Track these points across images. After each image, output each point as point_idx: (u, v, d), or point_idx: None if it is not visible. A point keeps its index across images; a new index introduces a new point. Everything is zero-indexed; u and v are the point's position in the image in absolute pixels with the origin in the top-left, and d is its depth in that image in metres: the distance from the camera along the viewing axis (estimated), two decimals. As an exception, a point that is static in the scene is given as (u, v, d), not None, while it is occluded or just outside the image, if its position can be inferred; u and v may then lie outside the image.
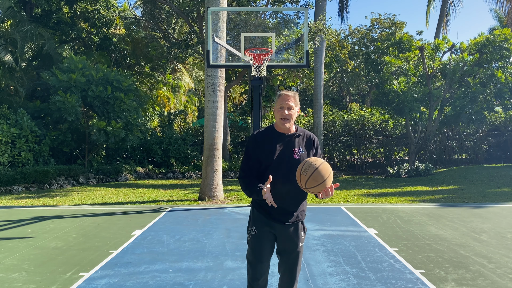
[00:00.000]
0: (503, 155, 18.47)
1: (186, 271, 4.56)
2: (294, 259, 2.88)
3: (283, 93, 2.83)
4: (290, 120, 2.80)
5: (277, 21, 16.34)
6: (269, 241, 2.87)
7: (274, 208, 2.77)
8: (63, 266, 4.80)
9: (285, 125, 2.79)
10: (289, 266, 2.88)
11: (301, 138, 2.86)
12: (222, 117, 10.14)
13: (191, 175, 16.16)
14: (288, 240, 2.86)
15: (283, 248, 2.89)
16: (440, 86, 16.29)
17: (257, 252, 2.86)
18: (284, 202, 2.79)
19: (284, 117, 2.78)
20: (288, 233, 2.84)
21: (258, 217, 2.89)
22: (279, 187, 2.76)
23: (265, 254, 2.87)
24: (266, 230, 2.86)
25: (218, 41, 8.79)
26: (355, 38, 26.33)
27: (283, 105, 2.78)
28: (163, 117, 19.56)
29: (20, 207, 9.09)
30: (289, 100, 2.79)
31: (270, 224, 2.85)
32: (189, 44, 16.56)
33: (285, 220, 2.82)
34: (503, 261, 4.84)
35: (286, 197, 2.79)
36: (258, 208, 2.90)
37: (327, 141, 18.59)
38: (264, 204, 2.82)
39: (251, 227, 2.91)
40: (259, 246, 2.86)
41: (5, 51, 14.66)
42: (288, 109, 2.78)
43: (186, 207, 8.98)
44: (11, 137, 13.32)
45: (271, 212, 2.82)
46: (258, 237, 2.86)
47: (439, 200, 9.76)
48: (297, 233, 2.87)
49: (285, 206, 2.80)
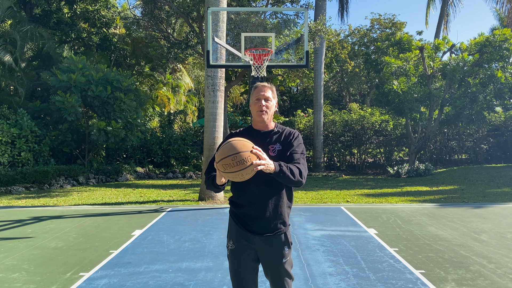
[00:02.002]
0: (503, 155, 18.47)
1: (186, 271, 4.56)
2: (278, 276, 2.51)
3: (259, 84, 2.58)
4: (268, 112, 2.53)
5: (277, 21, 16.34)
6: (249, 255, 2.52)
7: (250, 217, 2.47)
8: (63, 266, 4.80)
9: (262, 117, 2.51)
10: (274, 283, 2.53)
11: (279, 134, 2.55)
12: (222, 117, 10.14)
13: (191, 175, 16.16)
14: (269, 256, 2.49)
15: (264, 263, 2.53)
16: (440, 86, 16.29)
17: (237, 269, 2.54)
18: (261, 208, 2.45)
19: (260, 108, 2.51)
20: (267, 247, 2.48)
21: (234, 228, 2.55)
22: (254, 189, 2.45)
23: (247, 271, 2.53)
24: (244, 243, 2.51)
25: (218, 41, 8.79)
26: (355, 38, 26.34)
27: (259, 96, 2.52)
28: (163, 117, 19.56)
29: (20, 207, 9.09)
30: (265, 91, 2.53)
31: (248, 237, 2.49)
32: (189, 44, 16.56)
33: (263, 231, 2.46)
34: (503, 261, 4.84)
35: (263, 202, 2.45)
36: (233, 218, 2.56)
37: (327, 141, 18.59)
38: (239, 214, 2.52)
39: (228, 241, 2.58)
40: (239, 262, 2.53)
41: (5, 51, 14.67)
42: (266, 100, 2.52)
43: (186, 207, 8.98)
44: (11, 137, 13.32)
45: (247, 222, 2.48)
46: (237, 252, 2.53)
47: (439, 200, 9.76)
48: (279, 248, 2.48)
49: (262, 214, 2.45)
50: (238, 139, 2.29)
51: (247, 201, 2.49)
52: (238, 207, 2.54)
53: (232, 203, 2.60)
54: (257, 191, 2.46)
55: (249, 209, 2.49)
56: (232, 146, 2.23)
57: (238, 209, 2.54)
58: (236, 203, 2.56)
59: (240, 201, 2.53)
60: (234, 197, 2.58)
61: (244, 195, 2.50)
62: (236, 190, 2.55)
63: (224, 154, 2.23)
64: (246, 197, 2.49)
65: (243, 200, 2.51)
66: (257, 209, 2.47)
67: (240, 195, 2.52)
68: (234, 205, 2.57)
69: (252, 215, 2.48)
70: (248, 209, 2.49)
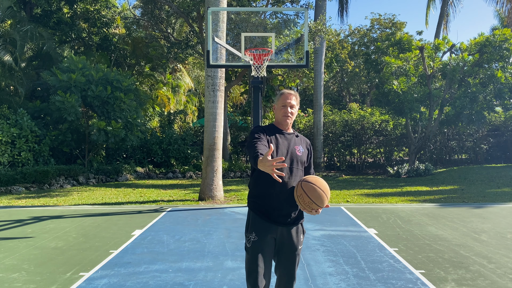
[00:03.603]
0: (503, 155, 18.47)
1: (186, 271, 4.56)
2: (293, 262, 2.80)
3: (285, 92, 2.87)
4: (292, 118, 2.85)
5: (277, 21, 16.34)
6: (270, 246, 2.75)
7: (276, 209, 2.70)
8: (63, 266, 4.80)
9: (286, 122, 2.83)
10: (288, 269, 2.79)
11: (299, 138, 2.91)
12: (222, 117, 10.13)
13: (191, 175, 16.16)
14: (288, 243, 2.77)
15: (282, 251, 2.79)
16: (440, 86, 16.29)
17: (259, 259, 2.70)
18: (286, 200, 2.70)
19: (286, 114, 2.82)
20: (289, 236, 2.76)
21: (257, 221, 2.75)
22: (284, 182, 2.69)
23: (267, 261, 2.73)
24: (267, 235, 2.72)
25: (218, 41, 8.79)
26: (355, 38, 26.34)
27: (285, 103, 2.83)
28: (163, 117, 19.56)
29: (20, 207, 9.09)
30: (291, 98, 2.84)
31: (271, 228, 2.73)
32: (189, 44, 16.56)
33: (287, 222, 2.74)
34: (503, 261, 4.84)
35: (288, 195, 2.69)
36: (257, 212, 2.77)
37: (327, 141, 18.59)
38: (266, 206, 2.73)
39: (250, 233, 2.75)
40: (262, 253, 2.70)
41: (5, 51, 14.67)
42: (291, 107, 2.84)
43: (186, 207, 8.98)
44: (11, 137, 13.32)
45: (273, 214, 2.72)
46: (259, 244, 2.71)
47: (439, 200, 9.76)
48: (298, 235, 2.80)
49: (286, 205, 2.71)
50: (328, 195, 2.65)
51: (276, 191, 2.70)
52: (264, 198, 2.74)
53: (256, 196, 2.79)
54: (285, 183, 2.70)
55: (276, 200, 2.71)
56: (323, 200, 2.61)
57: (264, 200, 2.74)
58: (263, 195, 2.75)
59: (268, 192, 2.73)
60: (260, 189, 2.77)
61: (273, 186, 2.68)
62: (264, 182, 2.73)
63: (316, 199, 2.59)
64: (274, 188, 2.69)
65: (272, 190, 2.71)
66: (283, 201, 2.71)
67: (269, 186, 2.70)
68: (259, 197, 2.77)
69: (278, 205, 2.71)
70: (275, 200, 2.71)
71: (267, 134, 2.77)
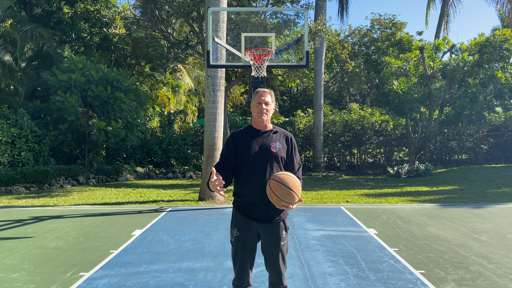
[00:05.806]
0: (503, 155, 18.47)
1: (186, 271, 4.56)
2: (276, 257, 2.90)
3: (260, 90, 2.98)
4: (267, 115, 2.94)
5: (277, 21, 16.34)
6: (252, 240, 2.91)
7: (253, 205, 2.84)
8: (63, 266, 4.80)
9: (262, 118, 2.92)
10: (273, 264, 2.90)
11: (278, 134, 2.98)
12: (222, 117, 10.13)
13: (191, 175, 16.16)
14: (270, 240, 2.88)
15: (265, 247, 2.92)
16: (440, 86, 16.29)
17: (241, 252, 2.90)
18: (263, 197, 2.79)
19: (261, 111, 2.91)
20: (270, 232, 2.87)
21: (238, 217, 2.92)
22: (257, 180, 2.81)
23: (250, 253, 2.91)
24: (248, 230, 2.88)
25: (218, 41, 8.79)
26: (355, 38, 26.33)
27: (260, 100, 2.93)
28: (163, 117, 19.56)
29: (20, 207, 9.09)
30: (265, 96, 2.95)
31: (251, 224, 2.87)
32: (189, 44, 16.55)
33: (266, 219, 2.85)
34: (503, 262, 4.84)
35: (264, 192, 2.78)
36: (238, 208, 2.93)
37: (327, 141, 18.59)
38: (244, 204, 2.88)
39: (233, 229, 2.94)
40: (243, 247, 2.89)
41: (5, 51, 14.66)
42: (266, 104, 2.93)
43: (186, 207, 8.98)
44: (11, 137, 13.32)
45: (251, 211, 2.85)
46: (241, 239, 2.90)
47: (439, 200, 9.76)
48: (278, 233, 2.88)
49: (263, 202, 2.81)
50: (297, 191, 2.72)
51: (251, 190, 2.83)
52: (242, 196, 2.89)
53: (236, 194, 2.94)
54: (260, 181, 2.81)
55: (252, 198, 2.85)
56: (292, 196, 2.70)
57: (242, 199, 2.89)
58: (240, 193, 2.90)
59: (244, 191, 2.88)
60: (238, 188, 2.92)
61: (248, 185, 2.85)
62: (241, 181, 2.90)
63: (283, 196, 2.68)
64: (249, 187, 2.84)
65: (247, 190, 2.85)
66: (259, 198, 2.82)
67: (245, 185, 2.87)
68: (239, 195, 2.92)
69: (255, 203, 2.85)
70: (251, 198, 2.85)
71: (236, 141, 2.91)
